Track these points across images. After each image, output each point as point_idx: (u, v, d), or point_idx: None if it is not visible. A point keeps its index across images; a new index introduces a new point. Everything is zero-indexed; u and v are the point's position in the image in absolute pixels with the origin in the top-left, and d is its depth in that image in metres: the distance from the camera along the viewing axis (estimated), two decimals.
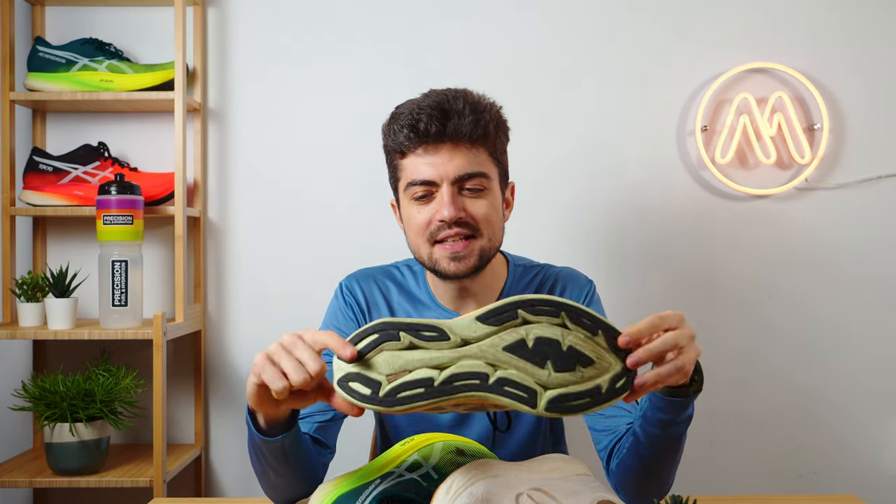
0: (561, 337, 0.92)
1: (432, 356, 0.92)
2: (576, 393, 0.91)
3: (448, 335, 0.93)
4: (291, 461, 1.16)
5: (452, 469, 1.07)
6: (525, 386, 0.91)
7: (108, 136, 2.15)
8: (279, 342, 0.99)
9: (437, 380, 0.91)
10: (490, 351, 0.92)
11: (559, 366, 0.92)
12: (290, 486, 1.21)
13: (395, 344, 0.93)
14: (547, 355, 0.92)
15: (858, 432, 2.19)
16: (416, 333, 0.93)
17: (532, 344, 0.92)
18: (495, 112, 1.34)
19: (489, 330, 0.93)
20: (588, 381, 0.92)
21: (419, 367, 0.92)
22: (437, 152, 1.29)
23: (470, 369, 0.92)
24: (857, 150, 2.16)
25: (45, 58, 2.03)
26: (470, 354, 0.92)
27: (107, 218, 1.89)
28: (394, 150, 1.33)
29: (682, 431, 1.15)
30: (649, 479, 1.22)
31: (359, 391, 0.92)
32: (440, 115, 1.27)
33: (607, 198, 2.17)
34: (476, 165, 1.30)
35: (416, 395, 0.91)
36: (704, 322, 2.17)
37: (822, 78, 2.15)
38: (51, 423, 1.85)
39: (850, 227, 2.16)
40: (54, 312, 1.91)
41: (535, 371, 0.92)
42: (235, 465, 2.20)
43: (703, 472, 2.18)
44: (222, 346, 2.19)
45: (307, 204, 2.17)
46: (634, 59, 2.16)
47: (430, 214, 1.31)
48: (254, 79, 2.17)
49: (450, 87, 1.35)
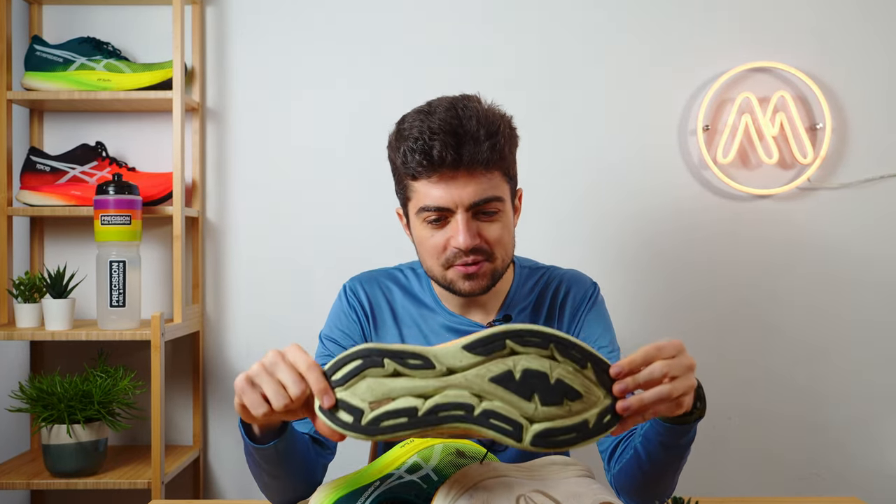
0: (549, 369, 0.90)
1: (416, 385, 0.90)
2: (562, 428, 0.90)
3: (433, 363, 0.90)
4: (286, 465, 1.14)
5: (453, 471, 1.07)
6: (511, 419, 0.89)
7: (106, 136, 2.14)
8: (261, 362, 0.95)
9: (420, 409, 0.90)
10: (476, 381, 0.90)
11: (546, 399, 0.90)
12: (288, 488, 1.20)
13: (379, 371, 0.91)
14: (534, 388, 0.90)
15: (862, 433, 2.18)
16: (401, 361, 0.90)
17: (519, 376, 0.90)
18: (508, 129, 1.29)
19: (476, 360, 0.91)
20: (575, 416, 0.90)
21: (403, 396, 0.90)
22: (453, 180, 1.24)
23: (455, 399, 0.90)
24: (859, 149, 2.15)
25: (43, 57, 2.02)
26: (455, 384, 0.90)
27: (104, 218, 1.88)
28: (404, 172, 1.28)
29: (684, 449, 1.13)
30: (650, 487, 1.21)
31: (341, 418, 0.90)
32: (454, 141, 1.21)
33: (609, 198, 2.16)
34: (491, 190, 1.26)
35: (399, 425, 0.89)
36: (706, 323, 2.16)
37: (825, 77, 2.14)
38: (48, 424, 1.84)
39: (853, 227, 2.15)
40: (52, 313, 1.90)
41: (521, 404, 0.90)
42: (234, 467, 2.19)
43: (705, 473, 2.17)
44: (221, 347, 2.18)
45: (306, 204, 2.16)
46: (635, 58, 2.15)
47: (445, 240, 1.27)
48: (253, 78, 2.16)
49: (455, 94, 1.30)
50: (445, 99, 1.28)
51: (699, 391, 1.05)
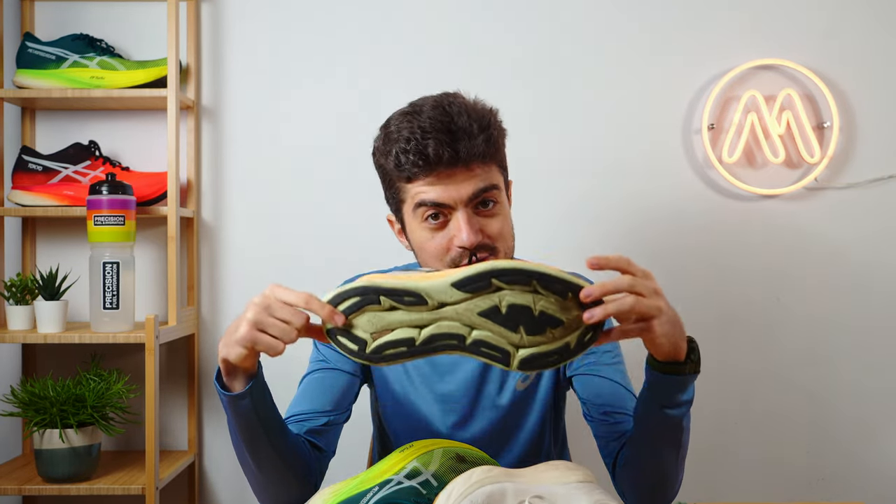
0: (532, 303, 0.98)
1: (412, 318, 1.00)
2: (546, 352, 0.99)
3: (426, 299, 0.99)
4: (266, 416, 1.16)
5: (452, 476, 1.07)
6: (499, 347, 1.00)
7: (99, 135, 2.12)
8: (256, 306, 1.05)
9: (418, 339, 1.00)
10: (465, 314, 0.99)
11: (531, 330, 0.99)
12: (279, 480, 1.21)
13: (377, 307, 1.01)
14: (519, 321, 0.99)
15: (869, 438, 2.15)
16: (397, 298, 1.00)
17: (505, 310, 0.99)
18: (497, 121, 1.29)
19: (464, 296, 0.99)
20: (558, 341, 0.99)
21: (401, 327, 1.01)
22: (451, 177, 1.22)
23: (448, 330, 1.00)
24: (867, 148, 2.13)
25: (35, 54, 2.01)
26: (447, 316, 1.00)
27: (98, 218, 1.87)
28: (397, 176, 1.25)
29: (681, 415, 1.14)
30: (652, 473, 1.22)
31: (347, 346, 1.02)
32: (448, 138, 1.20)
33: (612, 198, 2.14)
34: (488, 181, 1.25)
35: (400, 353, 1.01)
36: (710, 324, 2.14)
37: (832, 75, 2.12)
38: (40, 429, 1.83)
39: (860, 227, 2.13)
40: (44, 315, 1.88)
41: (508, 334, 0.99)
42: (230, 473, 2.17)
43: (710, 478, 2.15)
44: (216, 350, 2.12)
45: (304, 204, 2.15)
46: (639, 55, 2.14)
47: (448, 240, 1.25)
48: (249, 76, 2.15)
49: (436, 93, 1.29)
50: (429, 98, 1.27)
51: (692, 344, 1.10)
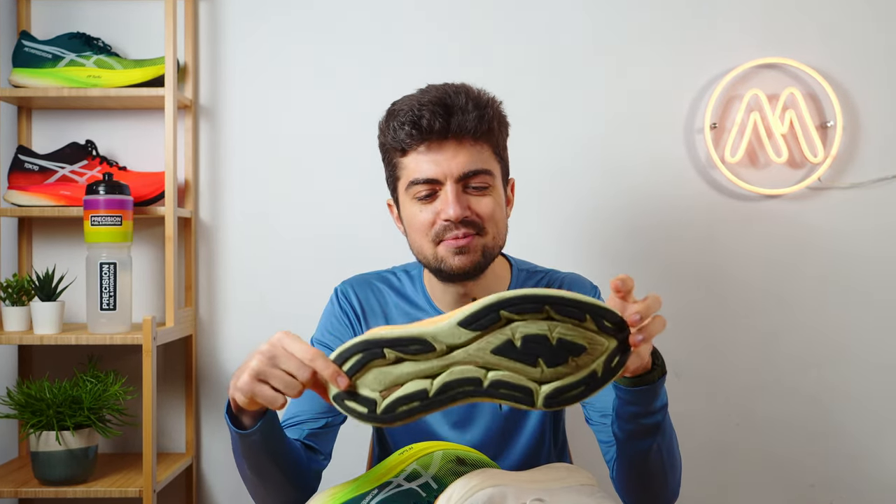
0: (548, 331, 0.92)
1: (421, 368, 0.93)
2: (572, 384, 0.92)
3: (433, 345, 0.92)
4: (273, 455, 1.15)
5: (452, 479, 1.07)
6: (520, 386, 0.92)
7: (96, 134, 2.11)
8: (261, 355, 1.02)
9: (430, 390, 0.93)
10: (478, 355, 0.92)
11: (551, 361, 0.92)
12: (280, 490, 1.20)
13: (382, 361, 0.94)
14: (537, 353, 0.92)
15: (873, 441, 2.14)
16: (401, 348, 0.93)
17: (520, 343, 0.92)
18: (497, 107, 1.34)
19: (474, 335, 0.92)
20: (583, 370, 0.93)
21: (410, 380, 0.93)
22: (441, 149, 1.27)
23: (462, 375, 0.92)
24: (871, 148, 2.12)
25: (31, 53, 1.99)
26: (458, 360, 0.93)
27: (95, 219, 1.86)
28: (393, 148, 1.31)
29: (658, 421, 1.14)
30: (644, 481, 1.21)
31: (356, 410, 0.95)
32: (443, 110, 1.25)
33: (613, 198, 2.13)
34: (480, 163, 1.29)
35: (413, 409, 0.93)
36: (712, 325, 2.13)
37: (836, 74, 2.11)
38: (37, 431, 1.82)
39: (864, 227, 2.12)
40: (40, 316, 1.87)
41: (527, 370, 0.92)
42: (228, 475, 2.16)
43: (711, 480, 2.13)
44: (214, 352, 2.15)
45: (302, 204, 2.14)
46: (641, 55, 2.13)
47: (434, 214, 1.29)
48: (247, 75, 2.14)
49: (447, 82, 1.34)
50: (438, 84, 1.33)
51: (654, 350, 1.10)
